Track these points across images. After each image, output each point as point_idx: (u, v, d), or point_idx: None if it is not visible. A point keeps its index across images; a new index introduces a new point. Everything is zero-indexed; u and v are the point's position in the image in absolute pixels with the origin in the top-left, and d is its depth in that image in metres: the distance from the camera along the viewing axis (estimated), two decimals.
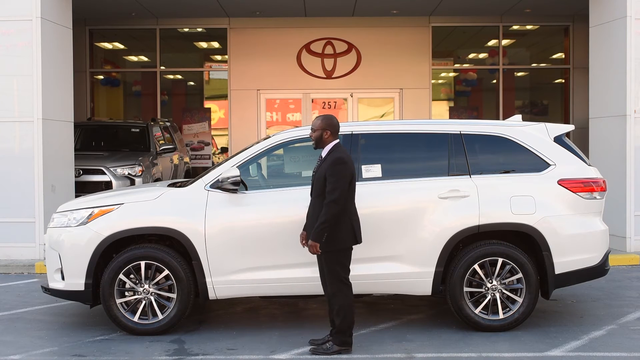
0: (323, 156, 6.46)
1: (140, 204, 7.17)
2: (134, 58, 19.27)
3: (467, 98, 19.02)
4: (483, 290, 7.02)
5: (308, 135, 6.87)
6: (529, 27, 18.35)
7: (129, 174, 13.15)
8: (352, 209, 6.42)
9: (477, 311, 7.03)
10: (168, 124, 16.02)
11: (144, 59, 18.95)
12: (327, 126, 6.48)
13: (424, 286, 7.06)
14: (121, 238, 7.04)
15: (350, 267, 6.45)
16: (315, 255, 6.43)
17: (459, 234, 7.01)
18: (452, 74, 18.86)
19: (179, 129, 17.06)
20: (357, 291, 7.08)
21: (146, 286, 6.99)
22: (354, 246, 6.43)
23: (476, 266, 7.00)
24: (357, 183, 6.96)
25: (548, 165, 7.25)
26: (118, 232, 7.00)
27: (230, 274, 6.98)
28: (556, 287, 7.19)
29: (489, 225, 7.04)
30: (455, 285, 6.99)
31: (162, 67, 18.20)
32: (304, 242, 6.57)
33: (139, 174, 13.19)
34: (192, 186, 7.20)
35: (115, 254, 7.13)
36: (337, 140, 6.52)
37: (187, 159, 16.70)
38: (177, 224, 6.96)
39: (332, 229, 6.26)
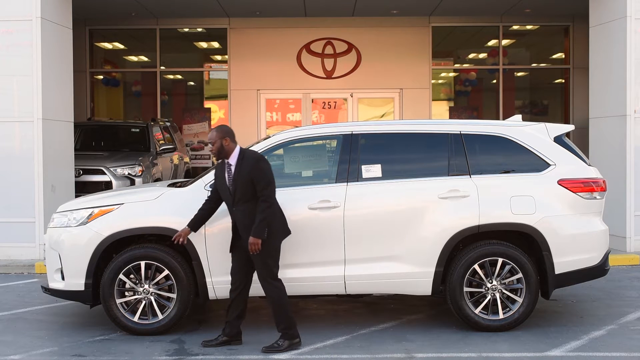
0: (233, 163, 6.46)
1: (140, 204, 7.16)
2: (134, 58, 19.27)
3: (467, 98, 19.02)
4: (483, 290, 7.02)
5: (309, 135, 6.82)
6: (529, 27, 18.35)
7: (129, 174, 13.15)
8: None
9: (477, 311, 7.02)
10: (168, 124, 16.02)
11: (144, 59, 18.95)
12: (224, 133, 6.50)
13: (424, 286, 7.05)
14: (121, 238, 7.03)
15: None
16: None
17: (459, 234, 7.01)
18: (452, 74, 18.86)
19: (179, 129, 17.06)
20: (357, 291, 7.10)
21: (146, 286, 6.98)
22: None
23: (476, 266, 7.00)
24: (357, 183, 6.95)
25: (548, 165, 7.25)
26: (118, 232, 7.00)
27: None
28: (556, 287, 7.18)
29: (489, 225, 7.03)
30: (455, 285, 6.98)
31: (162, 67, 18.21)
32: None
33: (139, 174, 13.19)
34: (192, 186, 7.19)
35: (115, 254, 7.12)
36: (239, 146, 6.56)
37: (187, 159, 16.71)
38: (177, 224, 6.93)
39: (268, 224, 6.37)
